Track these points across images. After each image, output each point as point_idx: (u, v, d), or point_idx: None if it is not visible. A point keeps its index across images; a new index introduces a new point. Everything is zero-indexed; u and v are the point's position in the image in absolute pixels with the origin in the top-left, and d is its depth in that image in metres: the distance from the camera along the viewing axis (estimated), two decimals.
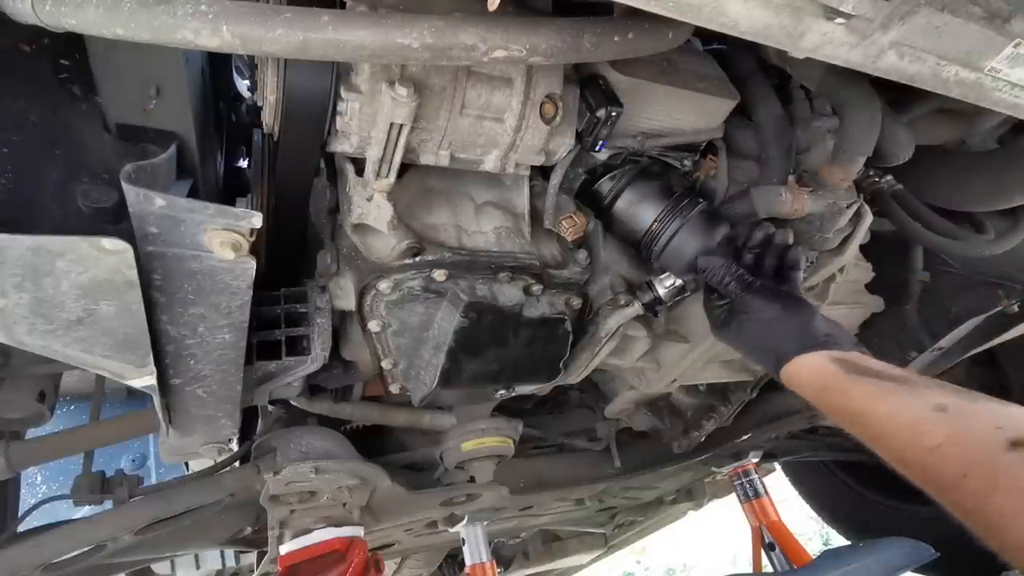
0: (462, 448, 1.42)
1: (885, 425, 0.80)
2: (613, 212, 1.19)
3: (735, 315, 1.06)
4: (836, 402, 0.89)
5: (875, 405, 0.83)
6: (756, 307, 1.03)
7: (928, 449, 0.72)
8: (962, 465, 0.68)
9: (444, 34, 0.72)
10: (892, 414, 0.80)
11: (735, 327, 1.06)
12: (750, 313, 1.04)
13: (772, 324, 1.02)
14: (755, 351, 1.06)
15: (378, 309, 1.07)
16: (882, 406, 0.82)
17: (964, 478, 0.67)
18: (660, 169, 1.21)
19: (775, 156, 1.18)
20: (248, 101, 1.38)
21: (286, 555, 1.31)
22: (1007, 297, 1.61)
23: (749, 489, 2.06)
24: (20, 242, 0.64)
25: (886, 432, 0.80)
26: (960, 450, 0.69)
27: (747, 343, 1.06)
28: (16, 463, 1.17)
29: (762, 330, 1.03)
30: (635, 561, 7.33)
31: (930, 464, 0.72)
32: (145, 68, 0.90)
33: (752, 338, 1.05)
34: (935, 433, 0.72)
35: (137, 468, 2.86)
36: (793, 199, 1.11)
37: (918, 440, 0.74)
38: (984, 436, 0.69)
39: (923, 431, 0.74)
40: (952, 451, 0.70)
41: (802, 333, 0.99)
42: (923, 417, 0.75)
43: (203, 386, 0.94)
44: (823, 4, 0.71)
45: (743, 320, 1.05)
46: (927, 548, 1.60)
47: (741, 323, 1.05)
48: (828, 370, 0.92)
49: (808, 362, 0.95)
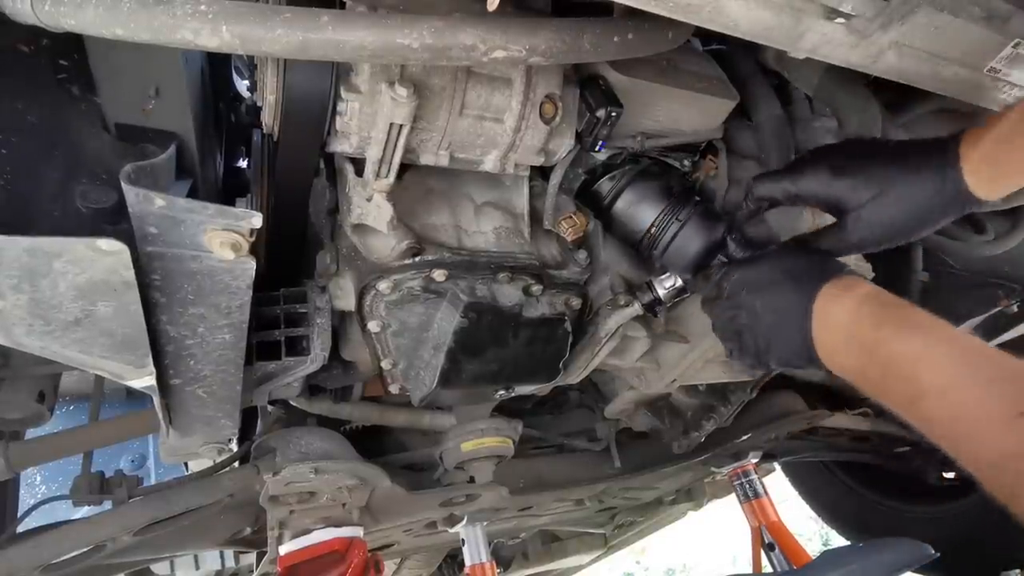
0: (462, 448, 1.42)
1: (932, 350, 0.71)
2: (613, 212, 1.19)
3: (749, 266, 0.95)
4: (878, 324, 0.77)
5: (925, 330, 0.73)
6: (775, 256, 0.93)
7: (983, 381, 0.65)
8: (1020, 402, 0.61)
9: (444, 34, 0.72)
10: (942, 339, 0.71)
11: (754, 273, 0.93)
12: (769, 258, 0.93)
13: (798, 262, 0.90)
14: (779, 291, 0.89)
15: (378, 309, 1.07)
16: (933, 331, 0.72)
17: (1020, 416, 0.60)
18: (660, 169, 1.21)
19: (775, 157, 1.18)
20: (248, 101, 1.38)
21: (285, 555, 1.30)
22: (1007, 297, 1.61)
23: (749, 489, 2.06)
24: (17, 243, 0.64)
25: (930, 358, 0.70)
26: (1019, 388, 0.63)
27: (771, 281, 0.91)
28: (15, 463, 1.17)
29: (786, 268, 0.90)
30: (635, 561, 7.34)
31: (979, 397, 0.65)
32: (144, 68, 0.90)
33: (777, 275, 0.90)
34: (992, 366, 0.66)
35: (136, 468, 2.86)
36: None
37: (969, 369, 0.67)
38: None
39: (978, 361, 0.67)
40: (1010, 387, 0.63)
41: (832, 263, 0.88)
42: (978, 348, 0.68)
43: (203, 386, 0.94)
44: (823, 4, 0.71)
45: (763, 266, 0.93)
46: (927, 548, 1.60)
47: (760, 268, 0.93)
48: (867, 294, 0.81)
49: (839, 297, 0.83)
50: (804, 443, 2.24)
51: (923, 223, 0.86)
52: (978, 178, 0.81)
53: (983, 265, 1.63)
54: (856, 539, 2.72)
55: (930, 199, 0.84)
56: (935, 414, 0.69)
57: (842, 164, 0.89)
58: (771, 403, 1.93)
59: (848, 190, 0.87)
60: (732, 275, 0.96)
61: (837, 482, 2.78)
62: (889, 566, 1.58)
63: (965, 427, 0.66)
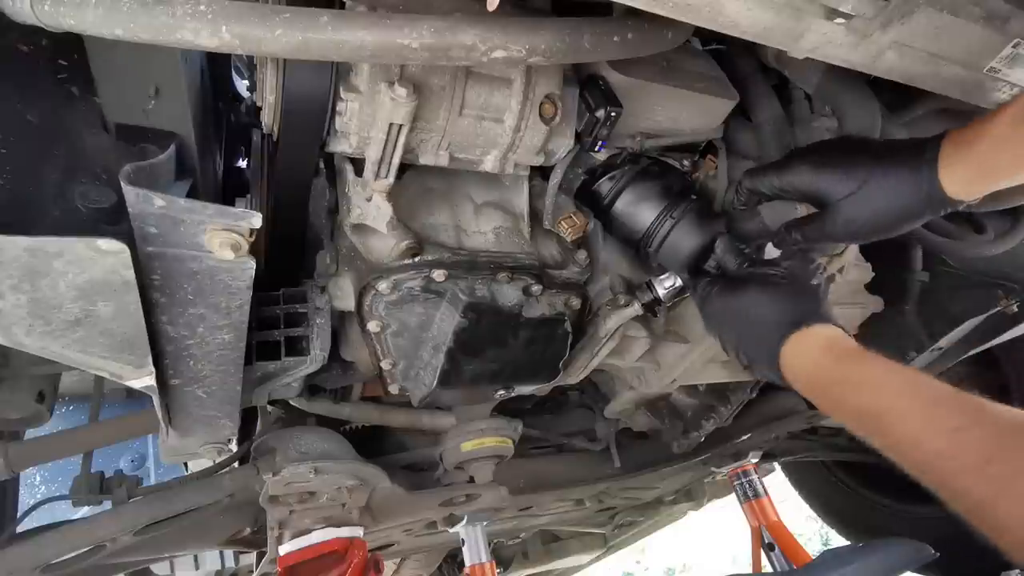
0: (462, 448, 1.42)
1: (896, 402, 0.74)
2: (612, 212, 1.19)
3: (730, 293, 0.99)
4: (840, 375, 0.82)
5: (886, 381, 0.76)
6: (757, 281, 0.96)
7: (948, 431, 0.67)
8: (986, 449, 0.63)
9: (443, 34, 0.72)
10: (904, 392, 0.74)
11: (732, 301, 0.98)
12: (750, 285, 0.96)
13: (774, 297, 0.94)
14: (750, 330, 0.96)
15: (377, 309, 1.07)
16: (894, 382, 0.75)
17: (987, 464, 0.62)
18: (660, 169, 1.21)
19: (775, 157, 1.18)
20: (247, 101, 1.38)
21: (285, 555, 1.30)
22: (1006, 297, 1.61)
23: (749, 489, 2.06)
24: (16, 243, 0.64)
25: (897, 410, 0.73)
26: (984, 433, 0.65)
27: (742, 318, 0.97)
28: (15, 464, 1.17)
29: (762, 304, 0.94)
30: (635, 561, 7.34)
31: (947, 448, 0.67)
32: (144, 68, 0.89)
33: (750, 312, 0.96)
34: (954, 415, 0.68)
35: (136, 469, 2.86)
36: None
37: (934, 421, 0.69)
38: (1010, 419, 0.64)
39: (940, 413, 0.69)
40: (975, 434, 0.65)
41: (810, 306, 0.92)
42: (941, 397, 0.70)
43: (202, 386, 0.94)
44: (823, 4, 0.71)
45: (740, 295, 0.97)
46: (927, 548, 1.60)
47: (738, 296, 0.97)
48: (832, 340, 0.86)
49: (808, 336, 0.88)
50: (804, 443, 2.25)
51: (901, 219, 0.89)
52: (953, 179, 0.82)
53: (983, 265, 1.63)
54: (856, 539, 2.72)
55: (906, 197, 0.86)
56: (910, 464, 0.72)
57: (824, 160, 0.92)
58: (771, 403, 1.93)
59: (829, 184, 0.90)
60: (713, 298, 1.01)
61: (837, 482, 2.78)
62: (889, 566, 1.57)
63: (937, 478, 0.68)
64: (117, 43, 0.69)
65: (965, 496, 0.65)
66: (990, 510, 0.62)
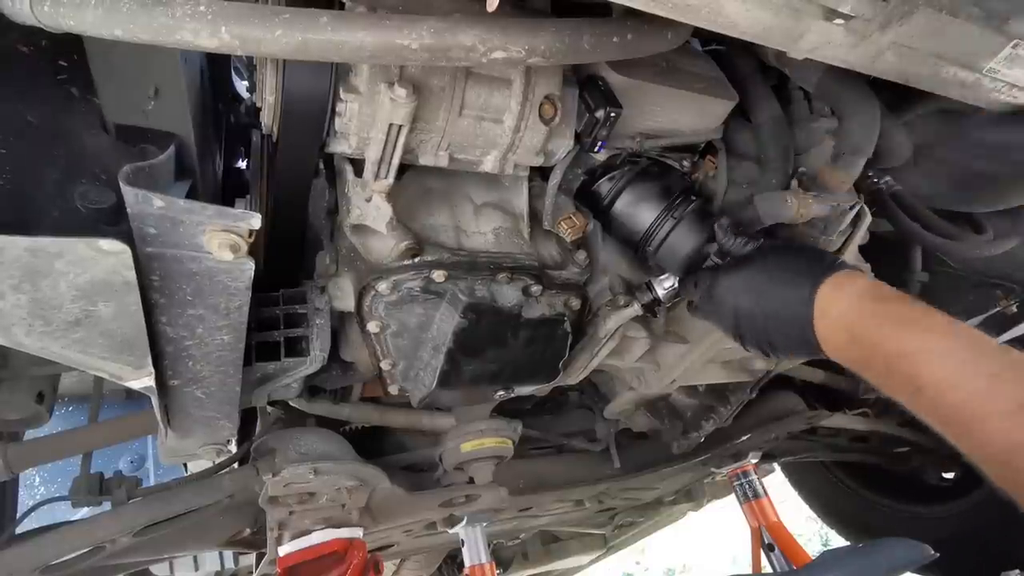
0: (461, 449, 1.41)
1: (938, 342, 0.73)
2: (612, 213, 1.19)
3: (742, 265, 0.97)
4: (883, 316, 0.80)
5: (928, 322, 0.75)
6: (768, 252, 0.95)
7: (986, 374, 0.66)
8: (1022, 396, 0.63)
9: (443, 35, 0.72)
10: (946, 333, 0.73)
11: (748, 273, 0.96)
12: (763, 255, 0.96)
13: (792, 258, 0.93)
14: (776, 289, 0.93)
15: (377, 310, 1.07)
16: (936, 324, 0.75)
17: (1021, 409, 0.62)
18: (659, 170, 1.21)
19: (774, 157, 1.18)
20: (247, 102, 1.38)
21: (285, 556, 1.30)
22: (1006, 297, 1.61)
23: (748, 490, 2.05)
24: (18, 243, 0.64)
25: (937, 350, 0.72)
26: (1022, 380, 0.64)
27: (769, 279, 0.94)
28: (15, 465, 1.17)
29: (783, 265, 0.93)
30: (635, 562, 7.34)
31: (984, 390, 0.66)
32: (144, 69, 0.90)
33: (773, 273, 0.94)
34: (994, 360, 0.67)
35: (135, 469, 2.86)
36: (797, 204, 1.10)
37: (973, 364, 0.68)
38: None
39: (980, 356, 0.68)
40: (1013, 379, 0.65)
41: (829, 258, 0.91)
42: (981, 342, 0.70)
43: (202, 387, 0.94)
44: (822, 5, 0.71)
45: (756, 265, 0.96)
46: (927, 548, 1.60)
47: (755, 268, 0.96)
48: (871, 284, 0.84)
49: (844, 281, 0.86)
50: (804, 443, 2.24)
51: None
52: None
53: (983, 265, 1.63)
54: (856, 539, 2.72)
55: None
56: (938, 409, 0.70)
57: None
58: (770, 403, 1.93)
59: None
60: (721, 281, 0.99)
61: (837, 482, 2.78)
62: (889, 566, 1.57)
63: (967, 422, 0.67)
64: (117, 44, 0.69)
65: (991, 443, 0.63)
66: (1017, 458, 0.61)
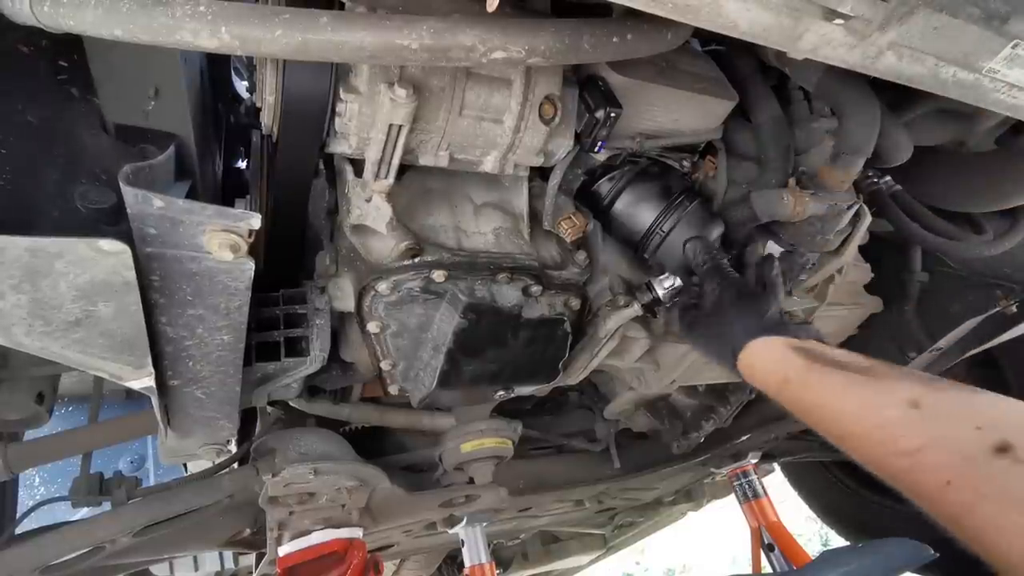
0: (461, 449, 1.41)
1: (854, 425, 0.75)
2: (612, 213, 1.19)
3: (697, 306, 1.05)
4: (799, 397, 0.83)
5: (842, 401, 0.77)
6: (715, 295, 1.01)
7: (905, 453, 0.67)
8: (944, 473, 0.63)
9: (443, 35, 0.72)
10: (862, 412, 0.74)
11: (694, 317, 1.05)
12: (708, 302, 1.02)
13: (728, 313, 0.99)
14: (712, 342, 1.02)
15: (377, 310, 1.07)
16: (850, 402, 0.76)
17: (948, 486, 0.62)
18: (659, 170, 1.21)
19: (774, 157, 1.18)
20: (247, 102, 1.38)
21: (285, 556, 1.30)
22: (1006, 297, 1.61)
23: (748, 490, 2.06)
24: (18, 243, 0.64)
25: (856, 432, 0.74)
26: (942, 457, 0.64)
27: (704, 333, 1.03)
28: (14, 465, 1.17)
29: (718, 321, 1.00)
30: (634, 562, 7.34)
31: (908, 470, 0.67)
32: (144, 69, 0.90)
33: (709, 327, 1.02)
34: (911, 436, 0.67)
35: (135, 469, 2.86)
36: (794, 202, 1.11)
37: (893, 443, 0.69)
38: (966, 440, 0.63)
39: (898, 434, 0.69)
40: (933, 458, 0.65)
41: (759, 318, 0.96)
42: (897, 417, 0.70)
43: (202, 387, 0.94)
44: (822, 5, 0.71)
45: (703, 307, 1.03)
46: (927, 548, 1.60)
47: (700, 310, 1.03)
48: (788, 360, 0.86)
49: (766, 349, 0.91)
50: (803, 443, 2.24)
51: None
52: None
53: (981, 266, 1.63)
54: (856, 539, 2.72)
55: None
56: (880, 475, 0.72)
57: None
58: (770, 404, 1.93)
59: None
60: (676, 318, 1.13)
61: (836, 482, 2.78)
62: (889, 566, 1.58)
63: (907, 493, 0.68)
64: (117, 44, 0.69)
65: (934, 514, 0.64)
66: (959, 530, 0.61)
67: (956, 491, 0.61)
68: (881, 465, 0.71)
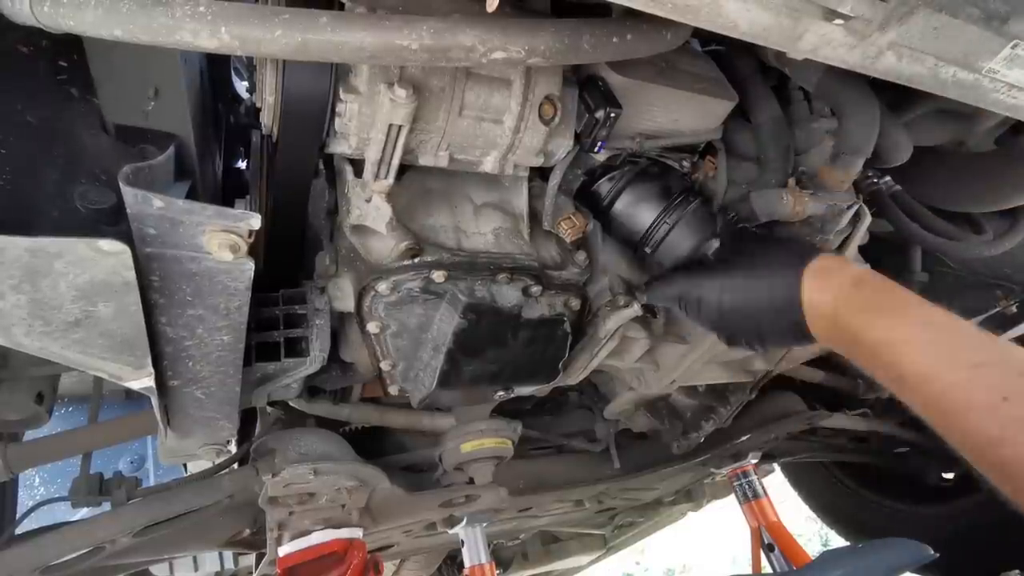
0: (461, 449, 1.41)
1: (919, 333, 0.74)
2: (612, 213, 1.19)
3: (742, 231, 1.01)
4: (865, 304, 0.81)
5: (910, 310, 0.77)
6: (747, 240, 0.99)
7: (967, 365, 0.67)
8: (1003, 387, 0.63)
9: (443, 36, 0.72)
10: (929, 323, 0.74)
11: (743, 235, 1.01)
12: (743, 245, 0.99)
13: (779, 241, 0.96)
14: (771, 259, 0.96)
15: (377, 310, 1.07)
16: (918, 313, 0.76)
17: (1003, 402, 0.62)
18: (659, 170, 1.21)
19: (774, 157, 1.18)
20: (247, 102, 1.38)
21: (285, 557, 1.30)
22: (1006, 297, 1.61)
23: (748, 490, 2.05)
24: (17, 243, 0.64)
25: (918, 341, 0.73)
26: (1003, 371, 0.65)
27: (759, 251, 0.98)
28: (14, 465, 1.17)
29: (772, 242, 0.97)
30: (634, 562, 7.34)
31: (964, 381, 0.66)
32: (143, 69, 0.90)
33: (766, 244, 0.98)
34: (975, 351, 0.68)
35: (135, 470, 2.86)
36: (793, 201, 1.11)
37: (954, 354, 0.69)
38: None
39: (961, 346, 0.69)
40: (993, 371, 0.65)
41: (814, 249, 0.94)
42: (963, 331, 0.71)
43: (201, 388, 0.94)
44: (821, 5, 0.71)
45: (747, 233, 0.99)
46: (927, 548, 1.60)
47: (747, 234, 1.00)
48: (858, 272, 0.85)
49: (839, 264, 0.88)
50: (803, 444, 2.25)
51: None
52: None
53: (981, 266, 1.63)
54: (856, 539, 2.72)
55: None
56: (919, 399, 0.71)
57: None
58: (770, 404, 1.93)
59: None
60: (703, 281, 1.03)
61: (836, 482, 2.78)
62: (889, 566, 1.58)
63: (946, 414, 0.68)
64: (116, 44, 0.69)
65: (974, 435, 0.64)
66: (997, 450, 0.61)
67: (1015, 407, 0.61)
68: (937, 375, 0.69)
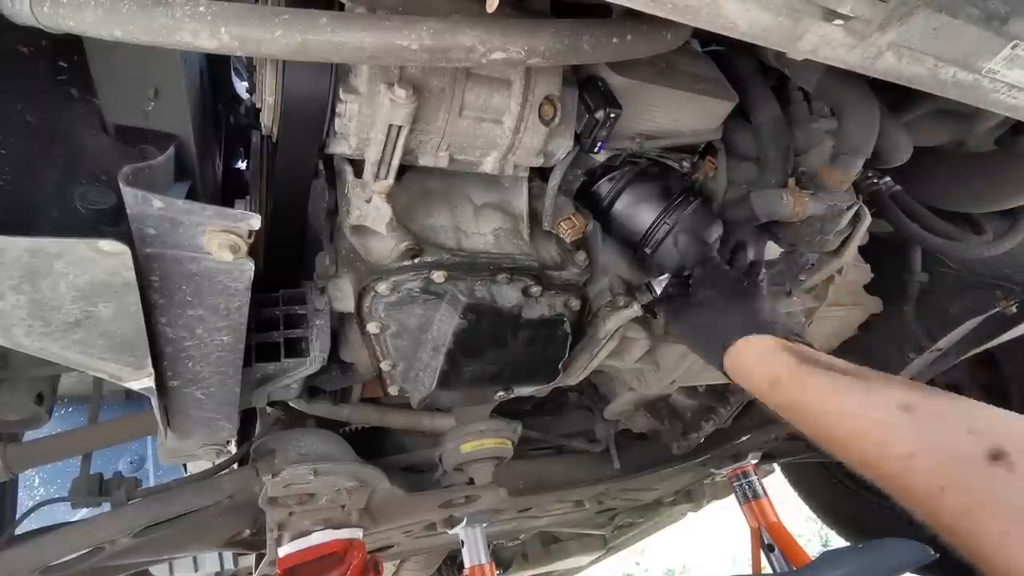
0: (461, 450, 1.41)
1: (846, 426, 0.73)
2: (612, 214, 1.19)
3: (687, 299, 1.04)
4: (789, 396, 0.82)
5: (834, 402, 0.76)
6: (707, 288, 1.01)
7: (898, 456, 0.66)
8: (939, 478, 0.62)
9: (443, 36, 0.72)
10: (854, 414, 0.73)
11: (682, 306, 1.04)
12: (700, 294, 1.01)
13: (719, 307, 0.98)
14: (700, 334, 1.01)
15: (377, 311, 1.07)
16: (842, 403, 0.75)
17: (941, 492, 0.61)
18: (659, 171, 1.21)
19: (773, 158, 1.18)
20: (247, 103, 1.38)
21: (285, 557, 1.30)
22: (1005, 298, 1.61)
23: (748, 490, 2.06)
24: (18, 244, 0.64)
25: (847, 434, 0.73)
26: (935, 461, 0.63)
27: (693, 323, 1.02)
28: (14, 465, 1.17)
29: (708, 313, 0.99)
30: (634, 562, 7.34)
31: (900, 473, 0.66)
32: (143, 70, 0.90)
33: (700, 317, 1.00)
34: (904, 440, 0.67)
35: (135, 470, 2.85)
36: (793, 202, 1.11)
37: (887, 446, 0.68)
38: (960, 445, 0.62)
39: (891, 437, 0.68)
40: (926, 462, 0.64)
41: (749, 316, 0.94)
42: (889, 420, 0.69)
43: (201, 388, 0.94)
44: (821, 6, 0.71)
45: (694, 298, 1.02)
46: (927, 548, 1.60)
47: (691, 300, 1.02)
48: (779, 359, 0.85)
49: (755, 348, 0.89)
50: (804, 443, 2.23)
51: None
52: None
53: (981, 266, 1.63)
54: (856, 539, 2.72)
55: None
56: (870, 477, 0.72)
57: None
58: None
59: None
60: (664, 307, 1.15)
61: (836, 482, 2.78)
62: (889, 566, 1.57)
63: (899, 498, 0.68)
64: (116, 45, 0.69)
65: (926, 519, 0.64)
66: (951, 536, 0.61)
67: (950, 497, 0.61)
68: (872, 467, 0.70)
